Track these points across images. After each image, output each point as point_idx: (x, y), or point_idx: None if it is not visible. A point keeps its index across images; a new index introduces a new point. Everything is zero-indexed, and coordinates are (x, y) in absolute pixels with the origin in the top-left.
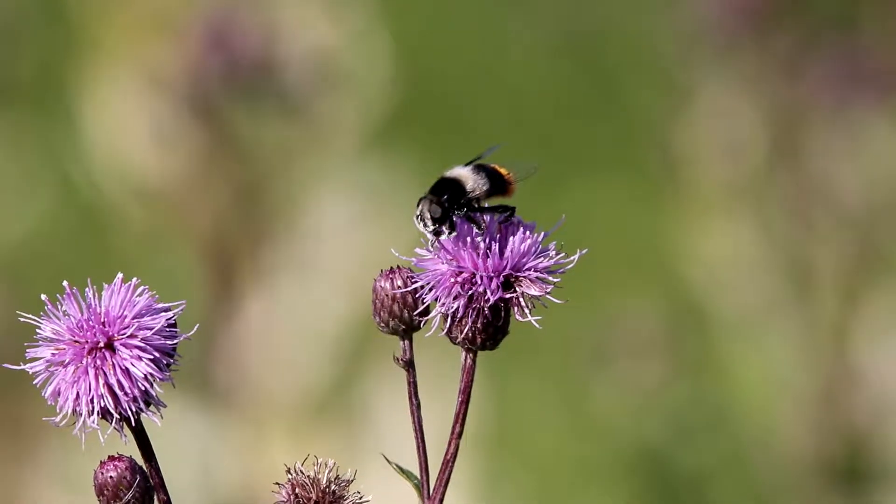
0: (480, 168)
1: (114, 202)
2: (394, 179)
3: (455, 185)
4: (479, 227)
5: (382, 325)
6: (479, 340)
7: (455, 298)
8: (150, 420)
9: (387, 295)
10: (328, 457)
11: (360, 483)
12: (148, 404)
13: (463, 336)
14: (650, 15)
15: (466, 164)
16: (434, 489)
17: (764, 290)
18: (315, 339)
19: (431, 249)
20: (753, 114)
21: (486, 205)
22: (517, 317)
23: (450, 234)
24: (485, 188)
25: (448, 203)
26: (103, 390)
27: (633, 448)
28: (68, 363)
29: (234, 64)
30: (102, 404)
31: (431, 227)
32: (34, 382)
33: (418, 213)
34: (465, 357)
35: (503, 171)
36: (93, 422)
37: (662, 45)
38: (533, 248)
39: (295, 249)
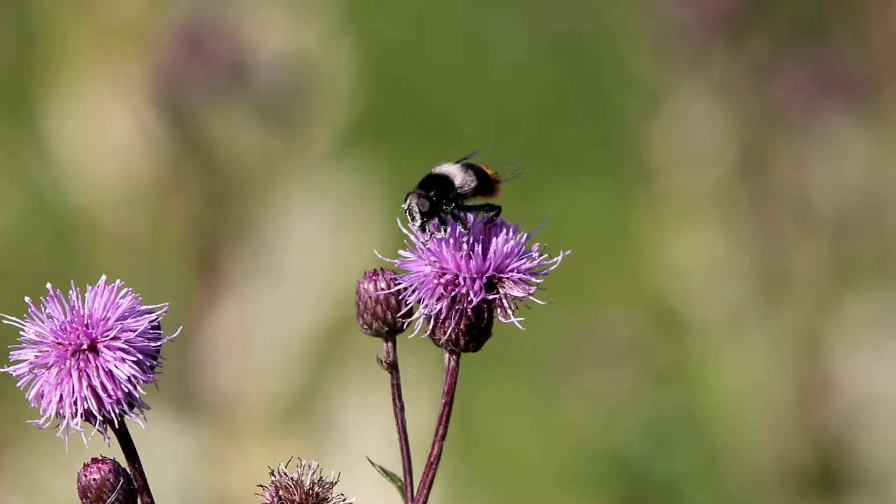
0: (469, 166)
1: (83, 209)
2: (367, 184)
3: (444, 181)
4: (464, 227)
5: (366, 327)
6: (462, 342)
7: (438, 300)
8: (134, 422)
9: (370, 297)
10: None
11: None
12: (131, 406)
13: (446, 338)
14: (632, 18)
15: (455, 163)
16: (418, 491)
17: (737, 297)
18: (285, 344)
19: (415, 250)
20: (725, 120)
21: (472, 203)
22: (500, 318)
23: (442, 231)
24: (473, 185)
25: (436, 197)
26: (87, 392)
27: (605, 455)
28: (51, 365)
29: (206, 69)
30: (86, 406)
31: (419, 222)
32: (18, 385)
33: (406, 206)
34: (449, 359)
35: (490, 170)
36: (76, 424)
37: (639, 50)
38: (516, 250)
39: (265, 255)
